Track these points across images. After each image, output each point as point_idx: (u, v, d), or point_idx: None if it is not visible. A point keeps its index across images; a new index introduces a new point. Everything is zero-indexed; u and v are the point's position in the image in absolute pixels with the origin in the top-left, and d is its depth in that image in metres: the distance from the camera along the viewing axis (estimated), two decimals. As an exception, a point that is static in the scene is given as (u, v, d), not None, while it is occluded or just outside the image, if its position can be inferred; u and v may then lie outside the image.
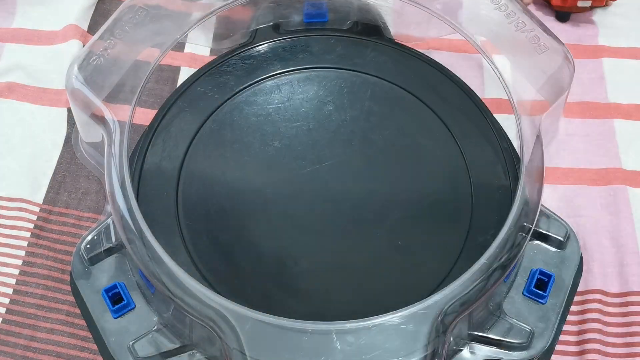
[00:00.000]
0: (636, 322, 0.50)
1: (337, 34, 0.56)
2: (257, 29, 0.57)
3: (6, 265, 0.52)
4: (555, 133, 0.53)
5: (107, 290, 0.45)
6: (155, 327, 0.44)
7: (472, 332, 0.44)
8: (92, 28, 0.63)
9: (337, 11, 0.57)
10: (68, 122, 0.58)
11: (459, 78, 0.54)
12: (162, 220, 0.47)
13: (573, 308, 0.50)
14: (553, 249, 0.47)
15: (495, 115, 0.52)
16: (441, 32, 0.57)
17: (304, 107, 0.52)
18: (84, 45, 0.59)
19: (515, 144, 0.50)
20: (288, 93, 0.53)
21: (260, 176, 0.49)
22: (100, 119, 0.47)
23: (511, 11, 0.51)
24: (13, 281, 0.51)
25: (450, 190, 0.48)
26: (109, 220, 0.46)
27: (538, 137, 0.46)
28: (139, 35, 0.50)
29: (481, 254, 0.42)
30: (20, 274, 0.51)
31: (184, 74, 0.61)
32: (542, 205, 0.46)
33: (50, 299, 0.50)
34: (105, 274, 0.46)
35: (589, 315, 0.50)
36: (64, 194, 0.55)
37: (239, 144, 0.50)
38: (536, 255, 0.47)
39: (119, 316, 0.44)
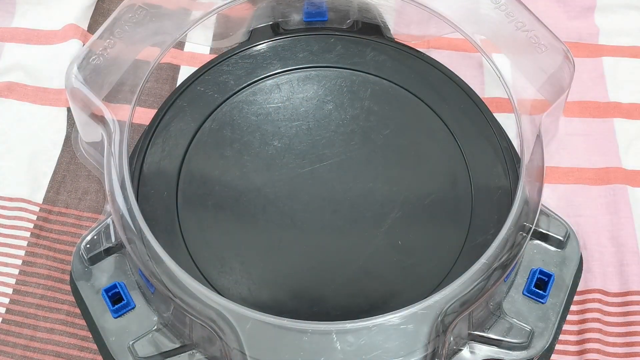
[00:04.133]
0: (636, 321, 0.50)
1: (337, 33, 0.56)
2: (256, 28, 0.57)
3: (6, 265, 0.52)
4: (555, 132, 0.53)
5: (107, 290, 0.45)
6: (155, 327, 0.44)
7: (472, 332, 0.44)
8: (92, 27, 0.63)
9: (337, 10, 0.57)
10: (68, 122, 0.58)
11: (459, 77, 0.54)
12: (162, 220, 0.47)
13: (573, 308, 0.50)
14: (553, 248, 0.47)
15: (495, 114, 0.52)
16: (441, 31, 0.57)
17: (304, 107, 0.52)
18: (83, 45, 0.59)
19: (516, 143, 0.50)
20: (288, 92, 0.53)
21: (260, 175, 0.49)
22: (99, 119, 0.47)
23: (511, 10, 0.51)
24: (13, 281, 0.51)
25: (450, 190, 0.48)
26: (109, 220, 0.46)
27: (538, 137, 0.46)
28: (138, 34, 0.50)
29: (481, 254, 0.42)
30: (20, 274, 0.51)
31: (184, 73, 0.61)
32: (542, 204, 0.46)
33: (50, 299, 0.50)
34: (105, 273, 0.46)
35: (589, 315, 0.50)
36: (64, 193, 0.55)
37: (239, 143, 0.50)
38: (536, 254, 0.47)
39: (119, 316, 0.44)
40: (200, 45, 0.62)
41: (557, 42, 0.50)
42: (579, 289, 0.48)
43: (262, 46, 0.55)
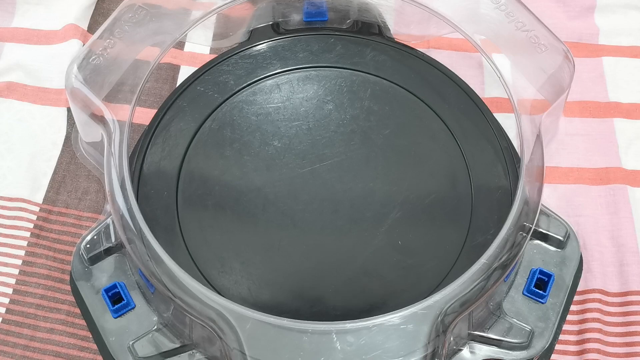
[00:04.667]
0: (636, 321, 0.50)
1: (336, 33, 0.56)
2: (256, 28, 0.57)
3: (6, 265, 0.52)
4: (555, 132, 0.53)
5: (107, 290, 0.45)
6: (155, 327, 0.44)
7: (472, 332, 0.44)
8: (92, 27, 0.63)
9: (337, 10, 0.57)
10: (68, 122, 0.58)
11: (459, 77, 0.54)
12: (162, 220, 0.47)
13: (573, 308, 0.50)
14: (553, 248, 0.47)
15: (495, 114, 0.52)
16: (441, 31, 0.57)
17: (304, 107, 0.52)
18: (83, 45, 0.59)
19: (516, 143, 0.50)
20: (288, 92, 0.53)
21: (260, 175, 0.49)
22: (99, 119, 0.47)
23: (511, 10, 0.51)
24: (13, 281, 0.51)
25: (450, 190, 0.48)
26: (109, 220, 0.46)
27: (538, 137, 0.46)
28: (138, 34, 0.50)
29: (481, 254, 0.42)
30: (20, 274, 0.51)
31: (184, 73, 0.61)
32: (542, 204, 0.46)
33: (50, 299, 0.50)
34: (105, 273, 0.46)
35: (589, 315, 0.50)
36: (64, 193, 0.55)
37: (239, 143, 0.50)
38: (536, 254, 0.47)
39: (119, 316, 0.44)
40: (200, 45, 0.62)
41: (557, 42, 0.50)
42: (579, 289, 0.48)
43: (262, 46, 0.55)
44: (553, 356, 0.46)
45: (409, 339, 0.40)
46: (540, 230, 0.47)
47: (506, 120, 0.52)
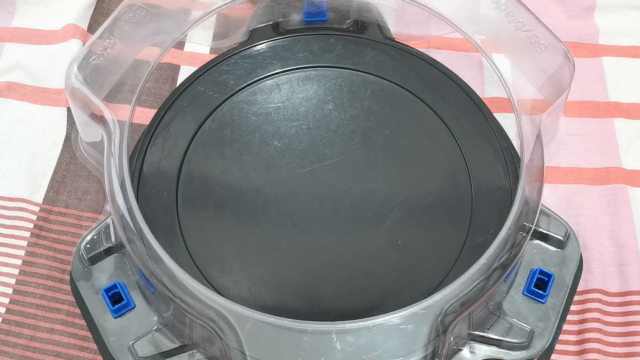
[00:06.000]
0: (636, 321, 0.50)
1: (336, 32, 0.56)
2: (256, 28, 0.57)
3: (6, 265, 0.52)
4: (555, 132, 0.53)
5: (107, 290, 0.45)
6: (155, 327, 0.44)
7: (472, 332, 0.44)
8: (92, 27, 0.63)
9: (337, 10, 0.57)
10: (68, 122, 0.58)
11: (459, 77, 0.54)
12: (162, 220, 0.47)
13: (573, 307, 0.50)
14: (553, 248, 0.47)
15: (495, 114, 0.52)
16: (441, 31, 0.57)
17: (304, 106, 0.52)
18: (83, 45, 0.59)
19: (516, 143, 0.50)
20: (288, 92, 0.53)
21: (260, 175, 0.49)
22: (99, 119, 0.47)
23: (511, 10, 0.51)
24: (13, 281, 0.51)
25: (450, 190, 0.48)
26: (109, 220, 0.46)
27: (538, 137, 0.46)
28: (138, 34, 0.50)
29: (481, 254, 0.42)
30: (20, 274, 0.51)
31: (184, 73, 0.61)
32: (542, 204, 0.46)
33: (50, 299, 0.50)
34: (105, 273, 0.46)
35: (589, 315, 0.50)
36: (64, 193, 0.55)
37: (239, 143, 0.50)
38: (536, 254, 0.47)
39: (119, 316, 0.44)
40: (200, 45, 0.62)
41: (557, 42, 0.50)
42: (579, 289, 0.48)
43: (262, 46, 0.55)
44: (553, 356, 0.46)
45: (409, 339, 0.40)
46: (540, 230, 0.47)
47: (506, 120, 0.52)
